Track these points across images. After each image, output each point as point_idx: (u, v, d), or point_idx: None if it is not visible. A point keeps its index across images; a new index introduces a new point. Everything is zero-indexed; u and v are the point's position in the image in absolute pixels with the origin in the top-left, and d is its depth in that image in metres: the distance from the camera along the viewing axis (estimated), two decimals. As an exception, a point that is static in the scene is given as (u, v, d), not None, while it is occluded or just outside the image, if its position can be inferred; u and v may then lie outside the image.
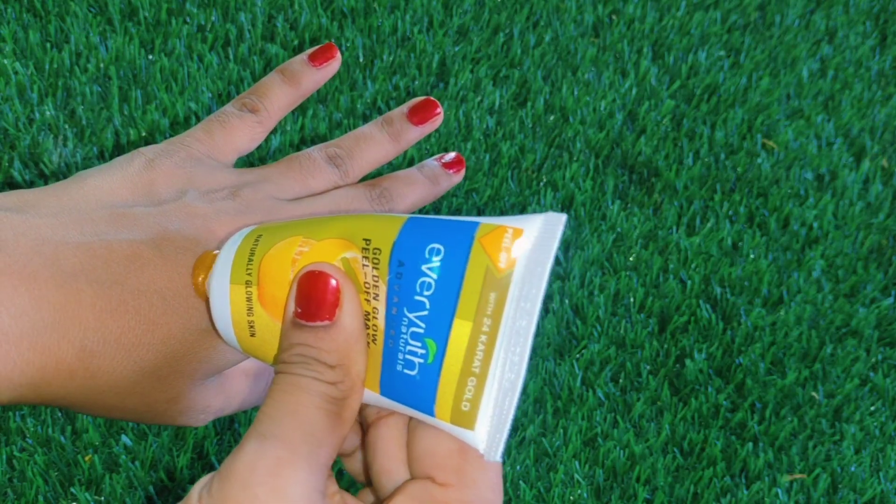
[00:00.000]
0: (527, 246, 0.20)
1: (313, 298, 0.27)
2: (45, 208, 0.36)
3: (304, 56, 0.48)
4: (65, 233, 0.35)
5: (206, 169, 0.41)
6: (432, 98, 0.48)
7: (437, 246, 0.21)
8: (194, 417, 0.40)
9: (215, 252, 0.27)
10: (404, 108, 0.48)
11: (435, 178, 0.49)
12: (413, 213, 0.46)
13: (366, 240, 0.22)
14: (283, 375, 0.29)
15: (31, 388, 0.33)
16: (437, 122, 0.49)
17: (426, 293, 0.21)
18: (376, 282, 0.22)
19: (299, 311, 0.27)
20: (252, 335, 0.25)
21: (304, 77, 0.48)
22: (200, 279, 0.29)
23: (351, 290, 0.27)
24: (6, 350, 0.33)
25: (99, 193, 0.38)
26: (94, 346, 0.34)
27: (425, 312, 0.21)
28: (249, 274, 0.25)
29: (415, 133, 0.48)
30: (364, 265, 0.22)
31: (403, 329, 0.21)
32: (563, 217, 0.20)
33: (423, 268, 0.21)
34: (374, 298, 0.22)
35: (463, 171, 0.50)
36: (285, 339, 0.28)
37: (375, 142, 0.47)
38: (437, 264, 0.21)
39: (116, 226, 0.37)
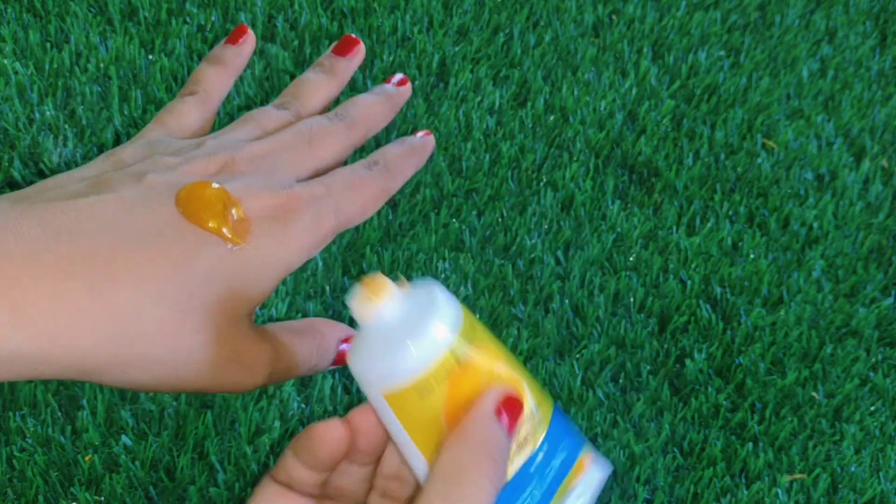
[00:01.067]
0: (592, 482, 0.26)
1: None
2: (23, 193, 0.36)
3: (224, 42, 0.49)
4: (49, 197, 0.35)
5: (166, 142, 0.41)
6: (350, 34, 0.49)
7: (564, 446, 0.27)
8: (242, 373, 0.39)
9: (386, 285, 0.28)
10: (328, 51, 0.49)
11: (384, 92, 0.49)
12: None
13: (536, 405, 0.26)
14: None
15: (54, 346, 0.32)
16: (360, 51, 0.50)
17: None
18: (526, 442, 0.27)
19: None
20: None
21: (227, 57, 0.50)
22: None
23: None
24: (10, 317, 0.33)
25: (71, 176, 0.38)
26: (104, 284, 0.34)
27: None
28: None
29: (345, 65, 0.49)
30: (525, 422, 0.27)
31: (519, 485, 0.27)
32: (609, 470, 0.28)
33: (553, 460, 0.27)
34: (518, 449, 0.27)
35: (409, 85, 0.51)
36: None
37: (314, 82, 0.47)
38: (559, 462, 0.27)
39: (97, 188, 0.37)
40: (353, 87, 0.63)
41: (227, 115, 0.59)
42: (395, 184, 0.46)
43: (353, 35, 0.50)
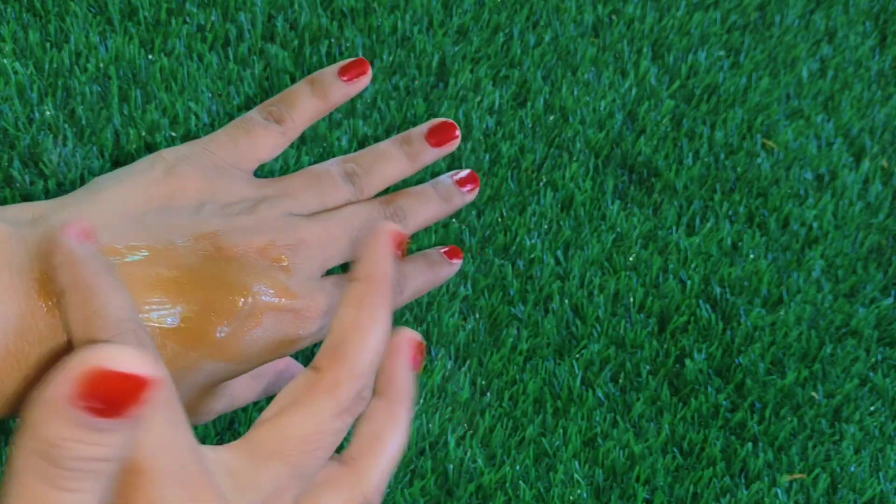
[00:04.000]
0: None
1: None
2: (58, 222, 0.36)
3: (334, 68, 0.48)
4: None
5: (226, 179, 0.41)
6: (451, 121, 0.49)
7: None
8: (197, 420, 0.41)
9: None
10: (423, 128, 0.48)
11: (448, 196, 0.49)
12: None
13: None
14: None
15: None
16: (454, 144, 0.50)
17: None
18: None
19: None
20: None
21: (333, 90, 0.48)
22: None
23: None
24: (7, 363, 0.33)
25: (113, 205, 0.38)
26: None
27: None
28: None
29: (431, 154, 0.49)
30: None
31: None
32: None
33: None
34: None
35: (477, 190, 0.50)
36: None
37: (392, 160, 0.47)
38: None
39: (128, 245, 0.37)
40: (353, 87, 0.63)
41: (226, 115, 0.59)
42: (403, 303, 0.47)
43: (452, 122, 0.49)
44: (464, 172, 0.48)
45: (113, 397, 0.24)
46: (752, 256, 0.67)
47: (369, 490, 0.31)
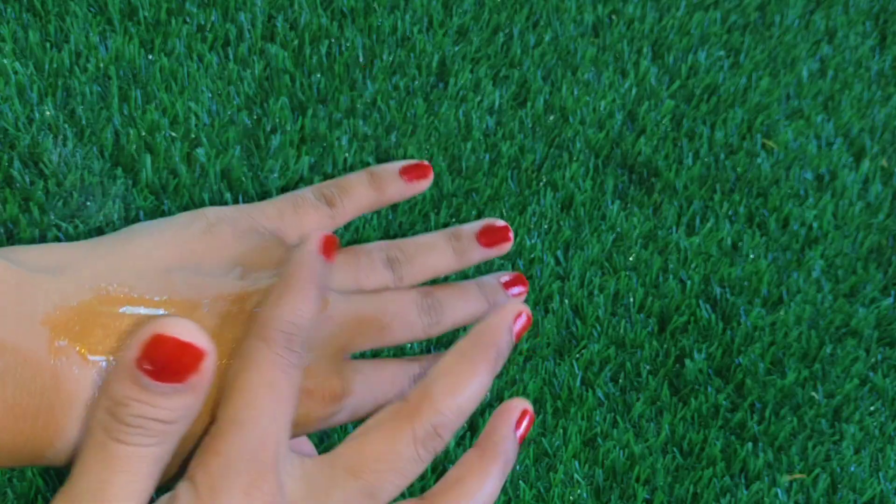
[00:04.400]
0: None
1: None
2: (85, 273, 0.35)
3: (397, 166, 0.47)
4: (99, 306, 0.35)
5: (262, 245, 0.40)
6: (507, 224, 0.47)
7: None
8: None
9: None
10: (476, 226, 0.47)
11: (493, 296, 0.47)
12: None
13: None
14: None
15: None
16: (505, 248, 0.48)
17: None
18: None
19: None
20: None
21: (391, 187, 0.47)
22: None
23: None
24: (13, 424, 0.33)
25: (144, 258, 0.37)
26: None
27: None
28: None
29: (480, 254, 0.47)
30: None
31: None
32: None
33: None
34: None
35: (526, 292, 0.48)
36: None
37: (439, 253, 0.45)
38: None
39: (152, 304, 0.36)
40: (353, 88, 0.63)
41: (228, 119, 0.59)
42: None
43: (508, 226, 0.48)
44: (509, 275, 0.46)
45: (171, 362, 0.27)
46: (752, 256, 0.67)
47: None
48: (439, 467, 0.55)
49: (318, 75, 0.62)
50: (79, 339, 0.31)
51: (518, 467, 0.55)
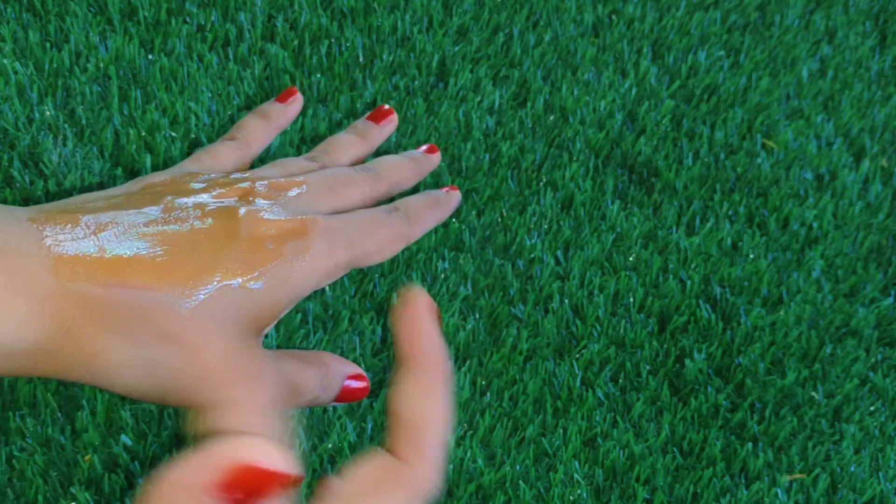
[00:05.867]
0: None
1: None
2: (46, 206, 0.38)
3: (272, 100, 0.55)
4: (73, 208, 0.38)
5: (195, 174, 0.44)
6: (385, 106, 0.55)
7: None
8: (247, 390, 0.41)
9: None
10: (365, 116, 0.54)
11: (413, 157, 0.54)
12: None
13: None
14: None
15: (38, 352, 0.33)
16: (392, 120, 0.56)
17: None
18: None
19: None
20: None
21: (274, 115, 0.55)
22: None
23: None
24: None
25: (97, 195, 0.40)
26: (125, 316, 0.35)
27: None
28: None
29: (378, 131, 0.54)
30: None
31: None
32: None
33: None
34: None
35: (438, 153, 0.56)
36: None
37: (347, 141, 0.52)
38: None
39: (122, 206, 0.39)
40: (353, 88, 0.63)
41: (228, 119, 0.59)
42: (414, 232, 0.48)
43: (388, 106, 0.55)
44: (423, 147, 0.55)
45: (253, 491, 0.24)
46: (752, 256, 0.67)
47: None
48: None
49: (318, 75, 0.62)
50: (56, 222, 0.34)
51: (518, 467, 0.55)
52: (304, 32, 0.63)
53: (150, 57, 0.59)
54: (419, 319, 0.33)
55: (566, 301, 0.61)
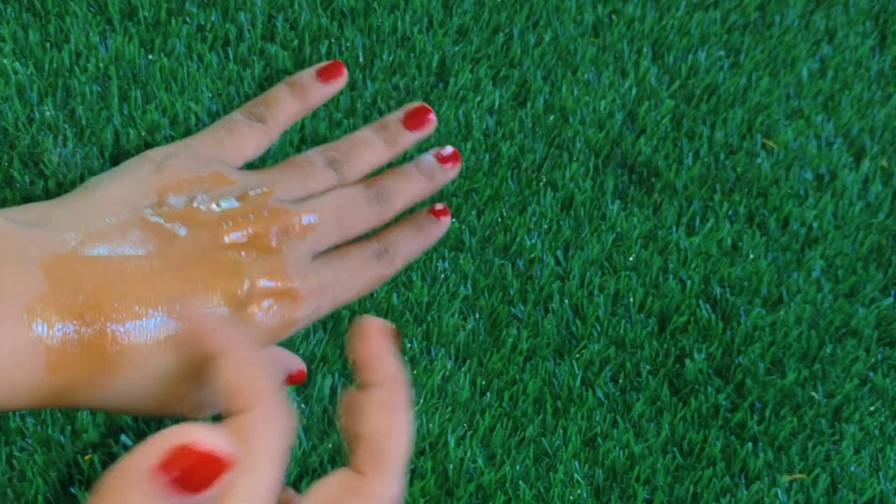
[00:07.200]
0: None
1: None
2: (63, 223, 0.37)
3: (312, 70, 0.50)
4: (83, 248, 0.37)
5: (213, 171, 0.42)
6: (426, 104, 0.50)
7: None
8: (202, 413, 0.41)
9: None
10: (399, 113, 0.50)
11: (431, 174, 0.50)
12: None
13: None
14: None
15: (57, 392, 0.34)
16: (430, 126, 0.51)
17: None
18: None
19: None
20: None
21: (312, 91, 0.50)
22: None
23: None
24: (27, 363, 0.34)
25: (110, 203, 0.40)
26: (115, 355, 0.35)
27: None
28: None
29: (409, 138, 0.50)
30: None
31: None
32: None
33: None
34: None
35: (459, 166, 0.52)
36: None
37: (371, 146, 0.49)
38: None
39: (129, 239, 0.38)
40: (353, 88, 0.63)
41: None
42: (396, 271, 0.48)
43: (427, 106, 0.50)
44: (447, 149, 0.49)
45: (193, 474, 0.25)
46: (752, 256, 0.67)
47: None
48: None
49: (318, 75, 0.62)
50: (69, 286, 0.33)
51: (518, 467, 0.55)
52: (304, 32, 0.63)
53: (150, 57, 0.59)
54: (372, 340, 0.35)
55: (566, 301, 0.61)
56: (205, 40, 0.61)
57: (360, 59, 0.64)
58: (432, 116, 0.47)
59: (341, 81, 0.48)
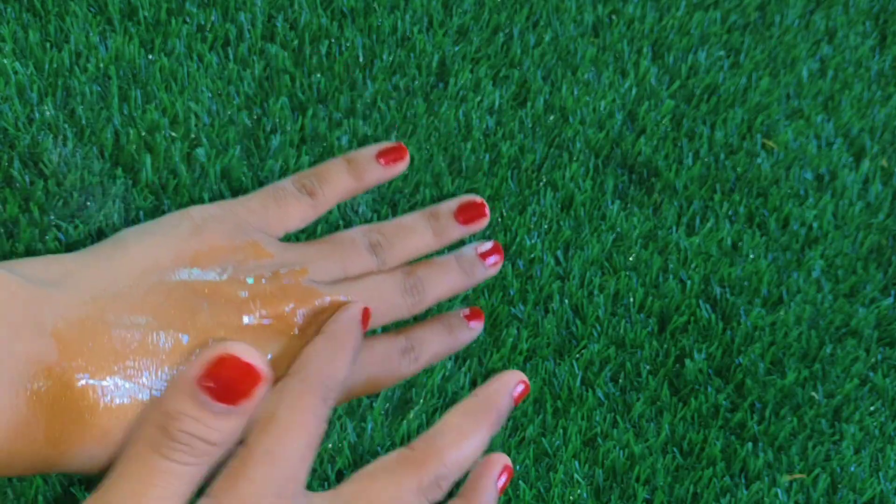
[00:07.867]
0: None
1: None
2: (84, 284, 0.36)
3: (373, 149, 0.49)
4: (102, 316, 0.36)
5: (251, 241, 0.41)
6: (483, 200, 0.48)
7: None
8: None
9: None
10: (453, 204, 0.48)
11: (471, 269, 0.49)
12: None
13: None
14: None
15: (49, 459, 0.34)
16: (482, 223, 0.50)
17: None
18: None
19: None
20: None
21: (369, 171, 0.49)
22: None
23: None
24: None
25: (141, 263, 0.39)
26: (110, 427, 0.35)
27: None
28: None
29: (458, 231, 0.49)
30: None
31: None
32: None
33: None
34: None
35: (500, 263, 0.50)
36: None
37: (418, 234, 0.47)
38: None
39: (149, 307, 0.38)
40: (353, 88, 0.63)
41: (228, 119, 0.59)
42: (418, 371, 0.48)
43: (483, 201, 0.49)
44: (488, 244, 0.47)
45: (233, 383, 0.29)
46: (752, 256, 0.67)
47: None
48: None
49: (318, 75, 0.62)
50: (80, 355, 0.32)
51: (518, 467, 0.55)
52: (304, 32, 0.63)
53: (150, 57, 0.59)
54: (493, 471, 0.41)
55: (566, 301, 0.61)
56: (205, 40, 0.61)
57: (360, 59, 0.64)
58: (487, 212, 0.46)
59: (402, 165, 0.46)
